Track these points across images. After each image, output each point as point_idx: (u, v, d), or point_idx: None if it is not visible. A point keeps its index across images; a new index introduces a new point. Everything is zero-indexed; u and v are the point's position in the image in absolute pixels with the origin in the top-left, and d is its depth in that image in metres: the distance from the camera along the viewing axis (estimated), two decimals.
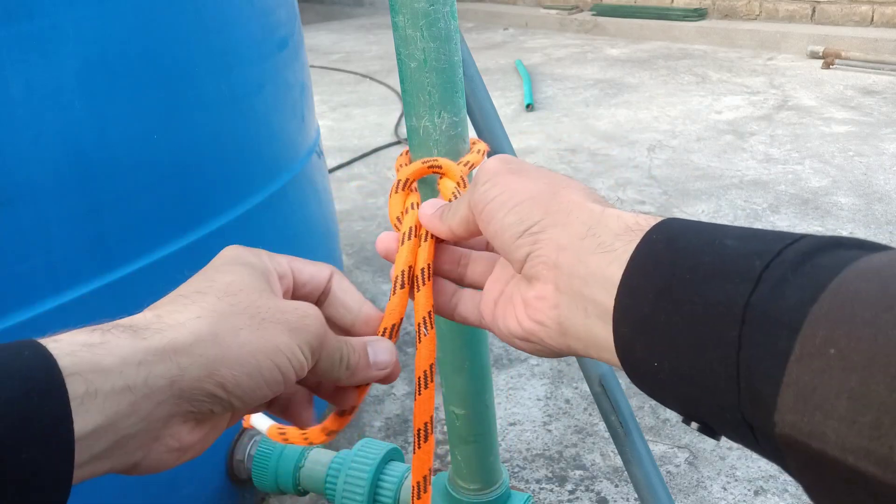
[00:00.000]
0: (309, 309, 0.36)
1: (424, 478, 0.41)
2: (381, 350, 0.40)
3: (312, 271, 0.41)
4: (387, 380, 0.41)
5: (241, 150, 1.07)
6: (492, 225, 0.36)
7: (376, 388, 1.56)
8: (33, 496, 0.27)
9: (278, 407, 0.41)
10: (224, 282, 0.35)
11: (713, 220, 1.65)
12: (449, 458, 0.79)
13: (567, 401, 1.50)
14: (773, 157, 2.72)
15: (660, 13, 5.04)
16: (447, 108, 0.52)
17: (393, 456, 0.99)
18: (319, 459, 1.04)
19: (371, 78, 4.42)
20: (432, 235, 0.43)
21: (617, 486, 1.27)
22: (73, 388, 0.27)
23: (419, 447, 0.41)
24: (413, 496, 0.42)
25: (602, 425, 1.41)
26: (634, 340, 0.30)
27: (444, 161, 0.49)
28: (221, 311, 0.33)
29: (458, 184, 0.48)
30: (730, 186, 2.49)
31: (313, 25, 6.56)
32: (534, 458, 1.35)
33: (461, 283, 0.44)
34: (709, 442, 1.35)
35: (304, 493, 1.07)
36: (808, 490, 0.25)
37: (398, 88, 3.37)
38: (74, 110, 0.80)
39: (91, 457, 0.28)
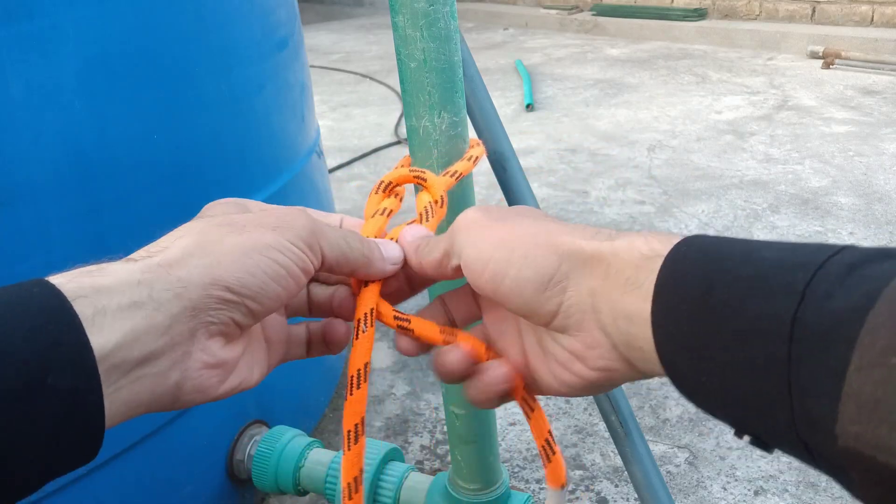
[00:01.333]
0: (289, 209, 0.36)
1: (355, 479, 0.40)
2: (391, 248, 0.41)
3: (287, 209, 0.42)
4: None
5: (241, 150, 1.07)
6: (504, 285, 0.35)
7: (376, 388, 1.56)
8: (76, 421, 0.27)
9: (321, 312, 0.42)
10: (201, 214, 0.37)
11: (713, 221, 1.66)
12: (449, 458, 0.79)
13: (567, 401, 1.50)
14: (773, 157, 2.72)
15: (660, 13, 5.04)
16: (447, 108, 0.52)
17: (393, 456, 0.99)
18: (319, 459, 1.04)
19: (371, 78, 4.42)
20: (393, 238, 0.43)
21: (617, 486, 1.27)
22: (81, 309, 0.28)
23: (349, 449, 0.39)
24: (344, 497, 0.40)
25: (602, 425, 1.41)
26: (677, 357, 0.30)
27: (429, 175, 0.49)
28: (201, 228, 0.34)
29: (435, 201, 0.47)
30: (730, 186, 2.49)
31: (313, 25, 6.56)
32: (534, 458, 1.34)
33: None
34: (709, 442, 1.35)
35: (304, 493, 1.07)
36: (873, 503, 0.24)
37: (398, 88, 3.37)
38: (74, 110, 0.80)
39: (121, 376, 0.29)
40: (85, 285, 0.29)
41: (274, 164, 1.17)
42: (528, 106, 3.54)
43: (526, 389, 0.40)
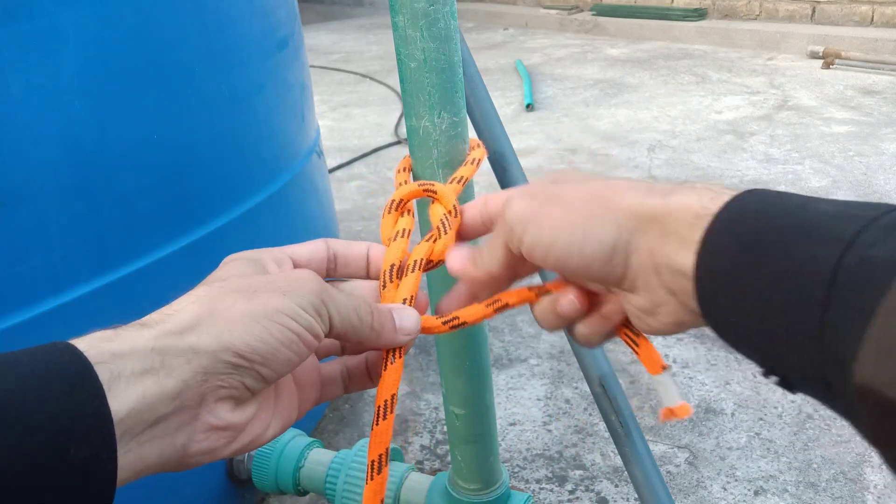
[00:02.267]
0: (300, 273, 0.36)
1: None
2: (406, 317, 0.40)
3: (309, 249, 0.42)
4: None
5: (241, 150, 1.07)
6: (570, 264, 0.36)
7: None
8: (91, 487, 0.28)
9: (355, 351, 0.42)
10: (214, 276, 0.37)
11: None
12: (449, 458, 0.79)
13: (567, 401, 1.50)
14: (773, 157, 2.72)
15: (660, 13, 5.04)
16: (447, 108, 0.52)
17: (393, 456, 0.99)
18: (319, 459, 1.04)
19: (371, 78, 4.42)
20: (421, 268, 0.43)
21: (617, 486, 1.27)
22: (101, 374, 0.29)
23: (372, 479, 0.39)
24: None
25: (602, 425, 1.41)
26: (716, 294, 0.31)
27: (439, 187, 0.48)
28: (213, 294, 0.34)
29: (448, 212, 0.47)
30: (730, 186, 2.49)
31: (313, 25, 6.56)
32: (534, 458, 1.34)
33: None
34: (709, 442, 1.35)
35: (304, 493, 1.07)
36: (877, 438, 0.25)
37: (398, 88, 3.37)
38: (74, 110, 0.80)
39: (131, 439, 0.30)
40: (104, 351, 0.30)
41: (274, 164, 1.17)
42: (528, 106, 3.54)
43: (626, 324, 0.41)
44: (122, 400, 0.29)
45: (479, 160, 0.55)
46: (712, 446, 1.34)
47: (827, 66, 3.88)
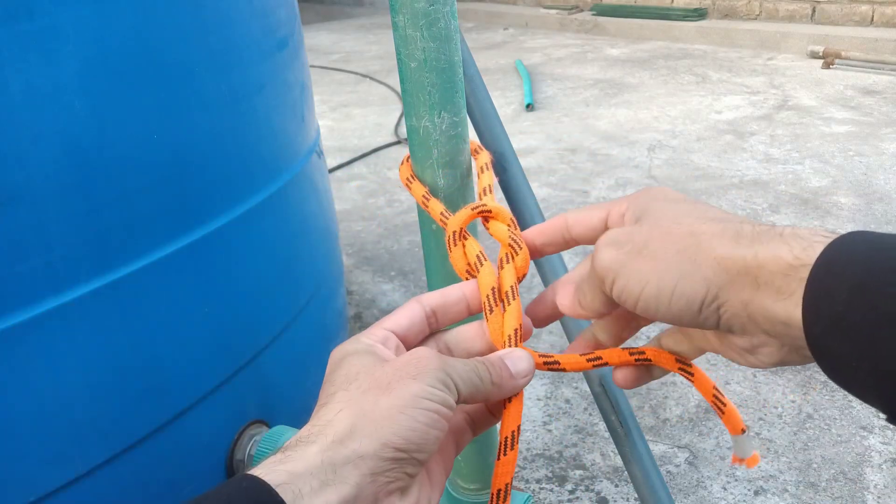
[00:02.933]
0: (418, 353, 0.38)
1: None
2: (518, 360, 0.41)
3: (407, 316, 0.43)
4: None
5: (241, 150, 1.07)
6: (659, 316, 0.37)
7: None
8: None
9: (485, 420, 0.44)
10: (341, 376, 0.38)
11: None
12: None
13: (567, 401, 1.50)
14: (773, 157, 2.72)
15: (660, 13, 5.04)
16: (447, 108, 0.52)
17: None
18: None
19: (371, 78, 4.42)
20: (517, 293, 0.43)
21: (617, 485, 1.27)
22: (285, 496, 0.31)
23: None
24: None
25: (602, 425, 1.41)
26: (829, 340, 0.30)
27: (491, 204, 0.49)
28: (353, 397, 0.36)
29: (508, 226, 0.47)
30: (730, 186, 2.49)
31: (313, 25, 6.56)
32: (534, 458, 1.34)
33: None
34: (709, 442, 1.35)
35: None
36: None
37: (398, 88, 3.37)
38: (74, 110, 0.80)
39: None
40: (283, 474, 0.32)
41: (274, 164, 1.17)
42: (528, 106, 3.54)
43: (678, 361, 0.43)
44: None
45: (488, 164, 0.56)
46: (712, 446, 1.34)
47: (827, 66, 3.88)
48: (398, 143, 3.18)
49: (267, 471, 0.32)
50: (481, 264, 0.45)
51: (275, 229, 1.17)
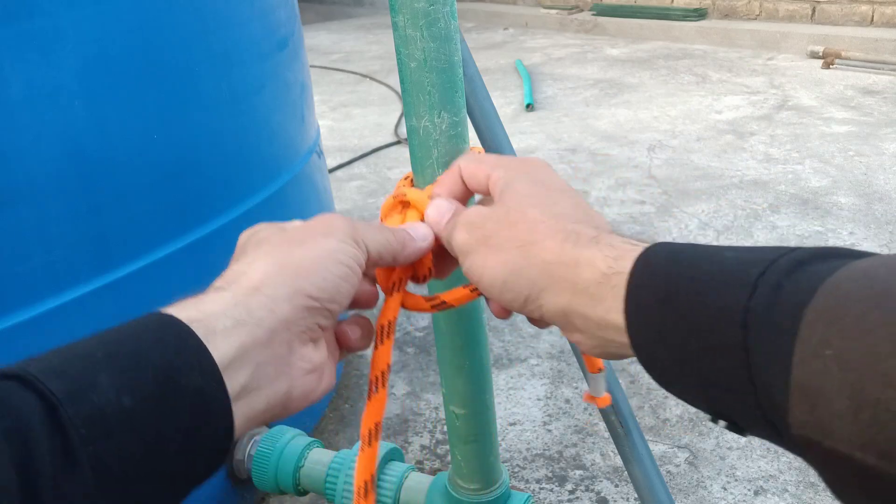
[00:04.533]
0: (329, 216, 0.40)
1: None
2: (418, 227, 0.45)
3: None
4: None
5: (241, 150, 1.07)
6: (492, 297, 0.41)
7: None
8: (208, 424, 0.30)
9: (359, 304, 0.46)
10: (252, 243, 0.40)
11: (713, 221, 1.66)
12: (449, 458, 0.79)
13: (567, 401, 1.50)
14: (773, 157, 2.72)
15: (660, 13, 5.04)
16: (447, 108, 0.52)
17: (393, 456, 0.99)
18: (319, 459, 1.04)
19: (371, 78, 4.42)
20: (399, 290, 0.46)
21: (617, 485, 1.27)
22: (197, 331, 0.31)
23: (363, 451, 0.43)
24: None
25: (602, 425, 1.41)
26: (653, 350, 0.32)
27: (410, 194, 0.50)
28: (267, 250, 0.37)
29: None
30: (730, 186, 2.49)
31: (313, 25, 6.56)
32: (534, 458, 1.34)
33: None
34: (709, 442, 1.35)
35: (303, 493, 1.07)
36: (830, 484, 0.25)
37: (398, 88, 3.37)
38: (74, 110, 0.80)
39: (241, 388, 0.32)
40: (195, 312, 0.32)
41: (274, 163, 1.17)
42: (528, 106, 3.54)
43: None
44: (222, 351, 0.31)
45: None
46: (712, 446, 1.34)
47: (827, 66, 3.88)
48: (398, 143, 3.18)
49: (178, 309, 0.32)
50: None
51: None
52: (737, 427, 0.30)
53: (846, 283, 0.25)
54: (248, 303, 0.33)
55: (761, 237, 2.12)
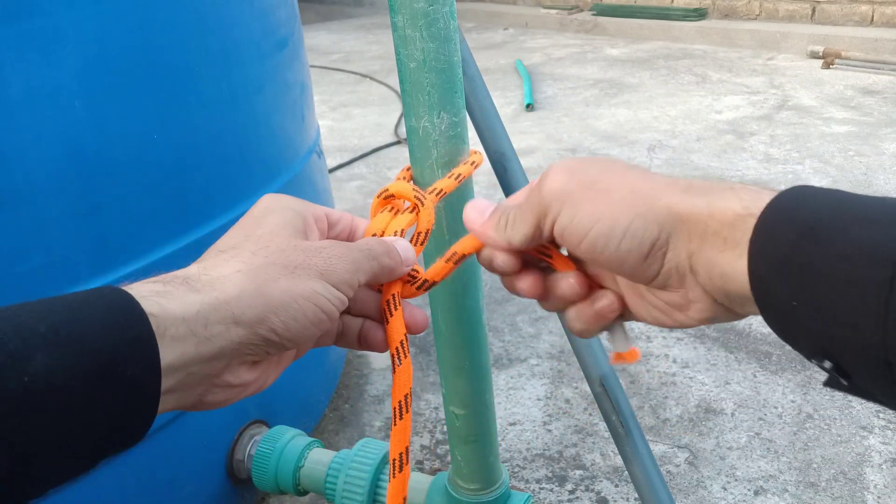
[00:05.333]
0: (334, 249, 0.38)
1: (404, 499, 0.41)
2: (403, 248, 0.43)
3: (341, 214, 0.45)
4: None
5: (241, 150, 1.07)
6: (604, 256, 0.35)
7: (376, 388, 1.56)
8: (136, 405, 0.30)
9: (350, 341, 0.44)
10: (257, 234, 0.38)
11: None
12: (449, 458, 0.79)
13: (567, 401, 1.50)
14: (773, 157, 2.72)
15: (660, 13, 5.04)
16: (447, 108, 0.52)
17: None
18: (319, 459, 1.04)
19: (371, 78, 4.42)
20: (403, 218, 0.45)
21: (617, 485, 1.27)
22: (154, 325, 0.31)
23: (394, 476, 0.41)
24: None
25: (602, 425, 1.41)
26: (772, 280, 0.31)
27: (393, 187, 0.49)
28: (258, 264, 0.35)
29: (414, 189, 0.48)
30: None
31: (313, 25, 6.56)
32: (534, 458, 1.35)
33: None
34: (709, 442, 1.35)
35: (304, 493, 1.07)
36: None
37: (398, 88, 3.36)
38: (74, 110, 0.80)
39: (167, 389, 0.32)
40: (155, 305, 0.31)
41: (274, 164, 1.17)
42: (528, 106, 3.54)
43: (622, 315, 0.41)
44: (165, 355, 0.31)
45: (460, 177, 0.53)
46: (712, 446, 1.34)
47: (827, 66, 3.87)
48: (398, 143, 3.18)
49: (140, 292, 0.32)
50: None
51: None
52: (842, 373, 0.29)
53: None
54: (209, 316, 0.33)
55: None
